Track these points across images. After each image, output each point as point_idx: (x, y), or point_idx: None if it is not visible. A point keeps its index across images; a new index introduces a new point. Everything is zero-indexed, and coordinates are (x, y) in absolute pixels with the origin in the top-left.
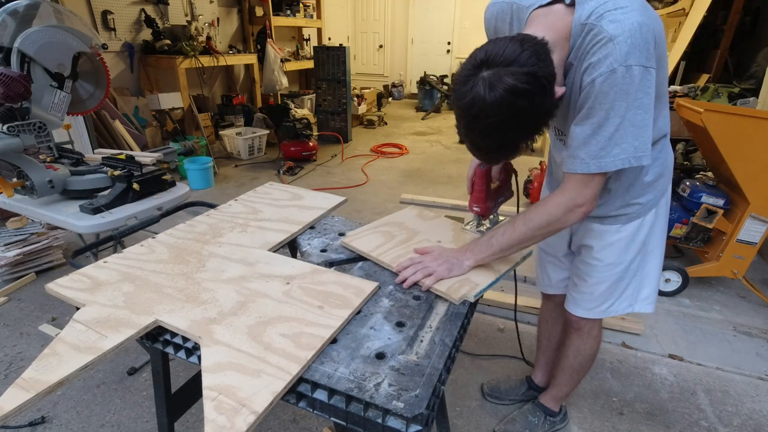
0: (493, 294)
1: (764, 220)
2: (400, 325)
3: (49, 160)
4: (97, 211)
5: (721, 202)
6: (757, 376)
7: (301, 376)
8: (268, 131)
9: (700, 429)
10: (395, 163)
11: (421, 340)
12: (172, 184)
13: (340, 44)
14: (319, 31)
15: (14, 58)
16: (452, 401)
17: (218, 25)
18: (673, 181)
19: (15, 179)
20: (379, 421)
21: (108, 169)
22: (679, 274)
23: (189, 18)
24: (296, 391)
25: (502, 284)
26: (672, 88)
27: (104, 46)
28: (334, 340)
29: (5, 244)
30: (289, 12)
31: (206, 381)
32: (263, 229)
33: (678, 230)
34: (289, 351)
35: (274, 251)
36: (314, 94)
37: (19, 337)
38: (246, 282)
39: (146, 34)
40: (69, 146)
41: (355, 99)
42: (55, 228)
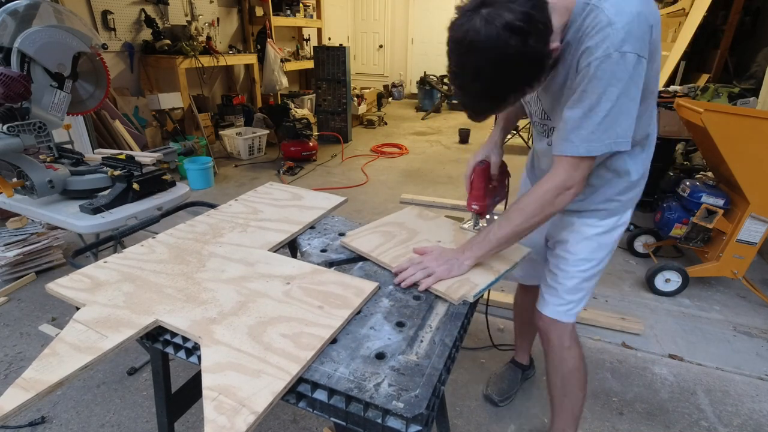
0: (493, 294)
1: (764, 220)
2: (400, 325)
3: (49, 160)
4: (97, 211)
5: (721, 202)
6: (757, 376)
7: (301, 376)
8: (268, 131)
9: (700, 429)
10: (395, 163)
11: (421, 340)
12: (172, 184)
13: (340, 44)
14: (319, 31)
15: (14, 58)
16: (452, 401)
17: (218, 25)
18: (673, 181)
19: (15, 179)
20: (379, 421)
21: (108, 169)
22: (679, 274)
23: (189, 18)
24: (296, 391)
25: (502, 284)
26: (672, 88)
27: (104, 46)
28: (334, 340)
29: (5, 244)
30: (289, 12)
31: (206, 381)
32: (263, 229)
33: (678, 230)
34: (289, 351)
35: (275, 251)
36: (314, 94)
37: (19, 337)
38: (246, 282)
39: (146, 34)
40: (69, 146)
41: (355, 99)
42: (55, 228)
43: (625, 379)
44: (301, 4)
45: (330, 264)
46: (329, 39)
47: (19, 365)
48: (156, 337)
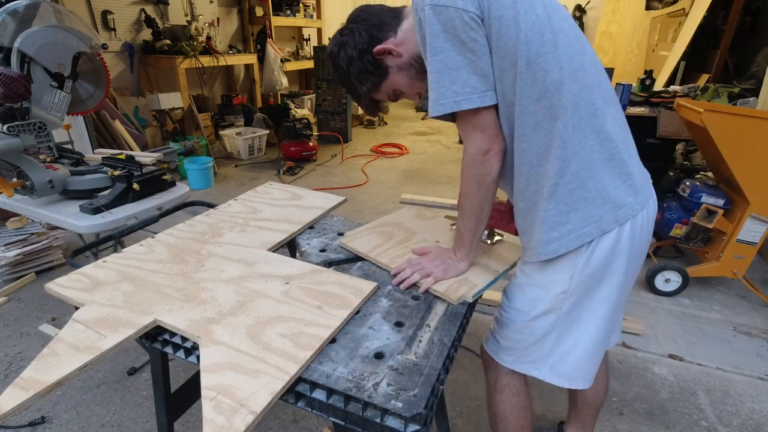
0: (493, 294)
1: (764, 220)
2: (399, 325)
3: (49, 160)
4: (97, 211)
5: (721, 202)
6: (757, 376)
7: (300, 376)
8: (268, 131)
9: (700, 429)
10: (395, 163)
11: (420, 340)
12: (172, 184)
13: None
14: (319, 31)
15: (14, 58)
16: (452, 401)
17: (218, 25)
18: (673, 181)
19: (15, 179)
20: (378, 420)
21: (108, 169)
22: (679, 274)
23: (189, 18)
24: (295, 391)
25: (503, 284)
26: (672, 88)
27: (104, 46)
28: (332, 340)
29: (5, 244)
30: (289, 12)
31: (205, 381)
32: (263, 228)
33: (678, 230)
34: (288, 351)
35: (274, 251)
36: (314, 94)
37: (19, 337)
38: (245, 282)
39: (146, 34)
40: (69, 146)
41: None
42: (55, 228)
43: (625, 379)
44: (301, 4)
45: (329, 264)
46: (329, 39)
47: (19, 365)
48: (155, 336)
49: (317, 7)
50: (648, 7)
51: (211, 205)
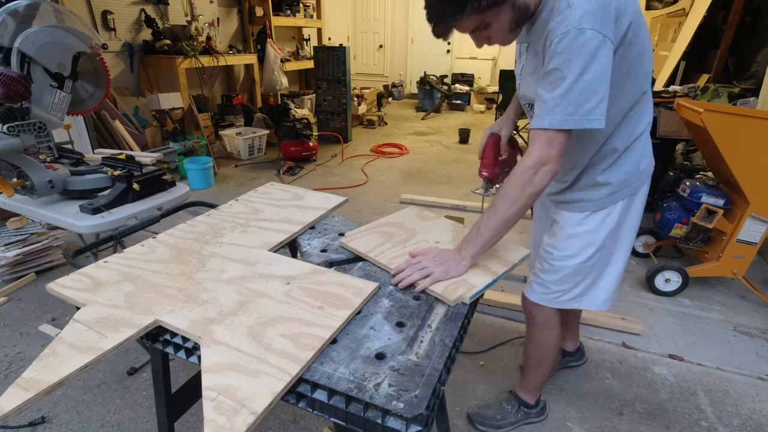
0: (493, 294)
1: (764, 220)
2: (400, 325)
3: (49, 160)
4: (97, 211)
5: (721, 202)
6: (757, 376)
7: (300, 377)
8: (268, 131)
9: (700, 429)
10: (395, 163)
11: (421, 341)
12: (172, 184)
13: (340, 44)
14: (319, 31)
15: (14, 58)
16: (452, 401)
17: (218, 25)
18: (673, 181)
19: (15, 179)
20: (379, 421)
21: (108, 169)
22: (679, 274)
23: (189, 18)
24: (296, 392)
25: (503, 284)
26: (672, 88)
27: (104, 46)
28: (334, 341)
29: (5, 244)
30: (289, 12)
31: (206, 381)
32: (264, 229)
33: (678, 230)
34: (289, 351)
35: (275, 251)
36: (314, 94)
37: (19, 337)
38: (246, 282)
39: (146, 34)
40: (69, 146)
41: (355, 99)
42: (55, 228)
43: (625, 379)
44: (301, 4)
45: (330, 264)
46: (329, 39)
47: (19, 365)
48: (156, 337)
49: (317, 7)
50: (648, 7)
51: (212, 206)
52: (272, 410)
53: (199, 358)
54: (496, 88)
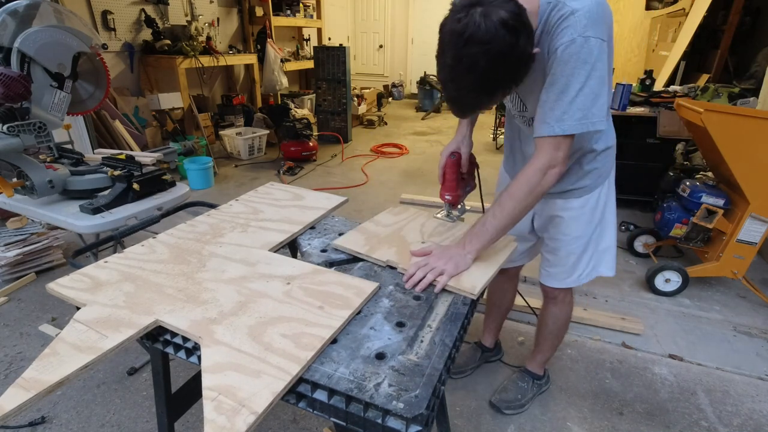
0: None
1: (764, 220)
2: (401, 325)
3: (49, 160)
4: (97, 211)
5: (721, 202)
6: (757, 376)
7: (301, 377)
8: (268, 131)
9: (700, 429)
10: (395, 163)
11: (421, 341)
12: (172, 184)
13: (340, 44)
14: (319, 31)
15: (14, 58)
16: (452, 401)
17: (218, 25)
18: (673, 181)
19: (15, 179)
20: (379, 421)
21: (108, 169)
22: (679, 274)
23: (189, 18)
24: (296, 392)
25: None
26: (672, 88)
27: (104, 46)
28: (334, 341)
29: (5, 244)
30: (289, 12)
31: (206, 381)
32: (264, 229)
33: (678, 230)
34: (289, 351)
35: (275, 251)
36: (314, 94)
37: (19, 337)
38: (246, 282)
39: (146, 34)
40: (69, 146)
41: (355, 99)
42: (55, 228)
43: (625, 379)
44: (301, 4)
45: (330, 264)
46: (329, 39)
47: (19, 365)
48: (156, 337)
49: (317, 7)
50: (648, 7)
51: (212, 206)
52: (272, 410)
53: (199, 358)
54: None
